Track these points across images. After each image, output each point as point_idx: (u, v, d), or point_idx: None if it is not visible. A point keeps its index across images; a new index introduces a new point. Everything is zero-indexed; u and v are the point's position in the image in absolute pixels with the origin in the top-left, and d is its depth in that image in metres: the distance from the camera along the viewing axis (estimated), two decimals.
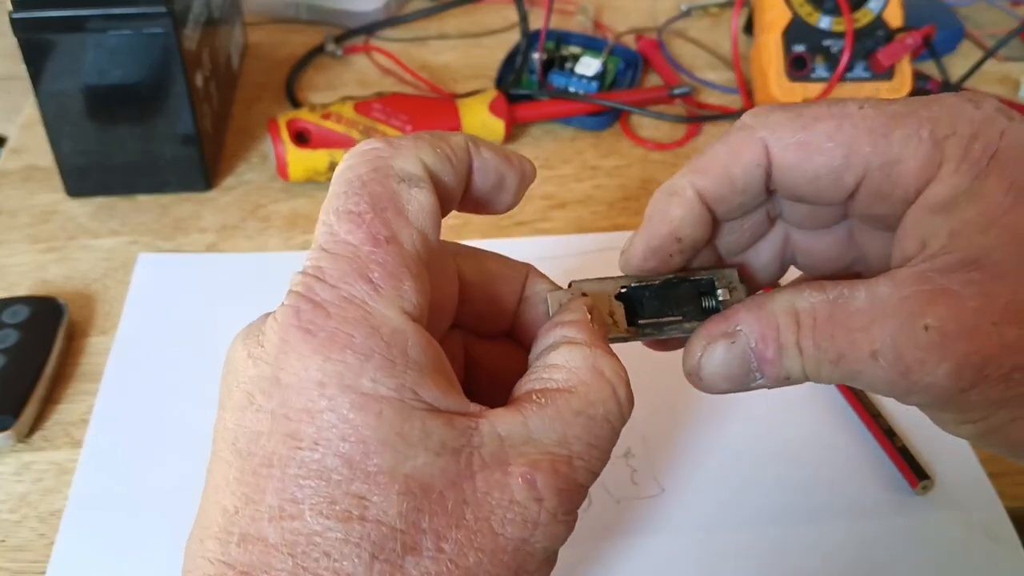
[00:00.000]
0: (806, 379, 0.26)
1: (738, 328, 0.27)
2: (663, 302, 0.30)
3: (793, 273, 0.32)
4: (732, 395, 0.30)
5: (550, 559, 0.25)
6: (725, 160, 0.28)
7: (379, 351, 0.23)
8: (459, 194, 0.27)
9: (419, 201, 0.25)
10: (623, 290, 0.30)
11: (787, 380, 0.27)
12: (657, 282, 0.30)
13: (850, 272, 0.31)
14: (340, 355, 0.22)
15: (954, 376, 0.24)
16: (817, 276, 0.31)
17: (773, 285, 0.32)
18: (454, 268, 0.30)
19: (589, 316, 0.28)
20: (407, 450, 0.22)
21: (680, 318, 0.30)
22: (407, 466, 0.22)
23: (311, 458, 0.22)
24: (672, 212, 0.28)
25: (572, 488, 0.24)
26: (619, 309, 0.30)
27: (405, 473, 0.22)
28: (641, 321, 0.30)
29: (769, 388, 0.28)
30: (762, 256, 0.31)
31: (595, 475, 0.25)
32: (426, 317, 0.24)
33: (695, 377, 0.28)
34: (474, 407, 0.24)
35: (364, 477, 0.22)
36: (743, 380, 0.27)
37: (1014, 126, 0.26)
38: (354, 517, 0.22)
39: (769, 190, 0.28)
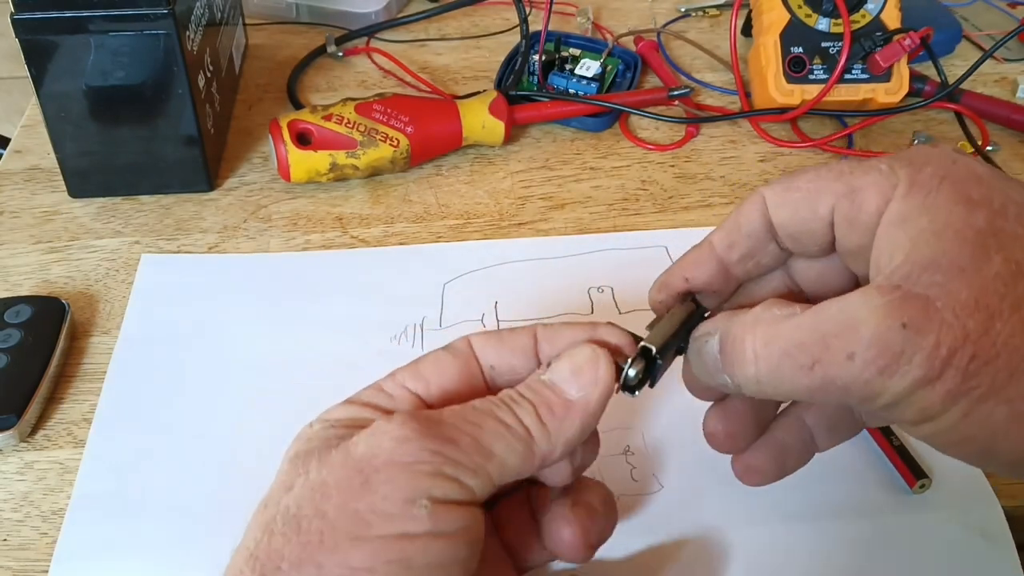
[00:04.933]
0: (763, 384, 0.30)
1: (715, 328, 0.32)
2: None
3: None
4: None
5: (409, 468, 0.29)
6: (734, 216, 0.34)
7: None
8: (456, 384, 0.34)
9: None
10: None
11: (749, 382, 0.30)
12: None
13: None
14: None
15: (925, 366, 0.27)
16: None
17: None
18: None
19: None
20: (304, 444, 0.31)
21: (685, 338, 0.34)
22: (293, 449, 0.31)
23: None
24: (686, 256, 0.35)
25: (427, 421, 0.30)
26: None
27: (292, 453, 0.31)
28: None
29: (738, 392, 0.31)
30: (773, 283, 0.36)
31: (462, 433, 0.30)
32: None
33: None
34: None
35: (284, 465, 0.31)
36: (714, 376, 0.32)
37: (965, 158, 0.30)
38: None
39: (773, 236, 0.34)
